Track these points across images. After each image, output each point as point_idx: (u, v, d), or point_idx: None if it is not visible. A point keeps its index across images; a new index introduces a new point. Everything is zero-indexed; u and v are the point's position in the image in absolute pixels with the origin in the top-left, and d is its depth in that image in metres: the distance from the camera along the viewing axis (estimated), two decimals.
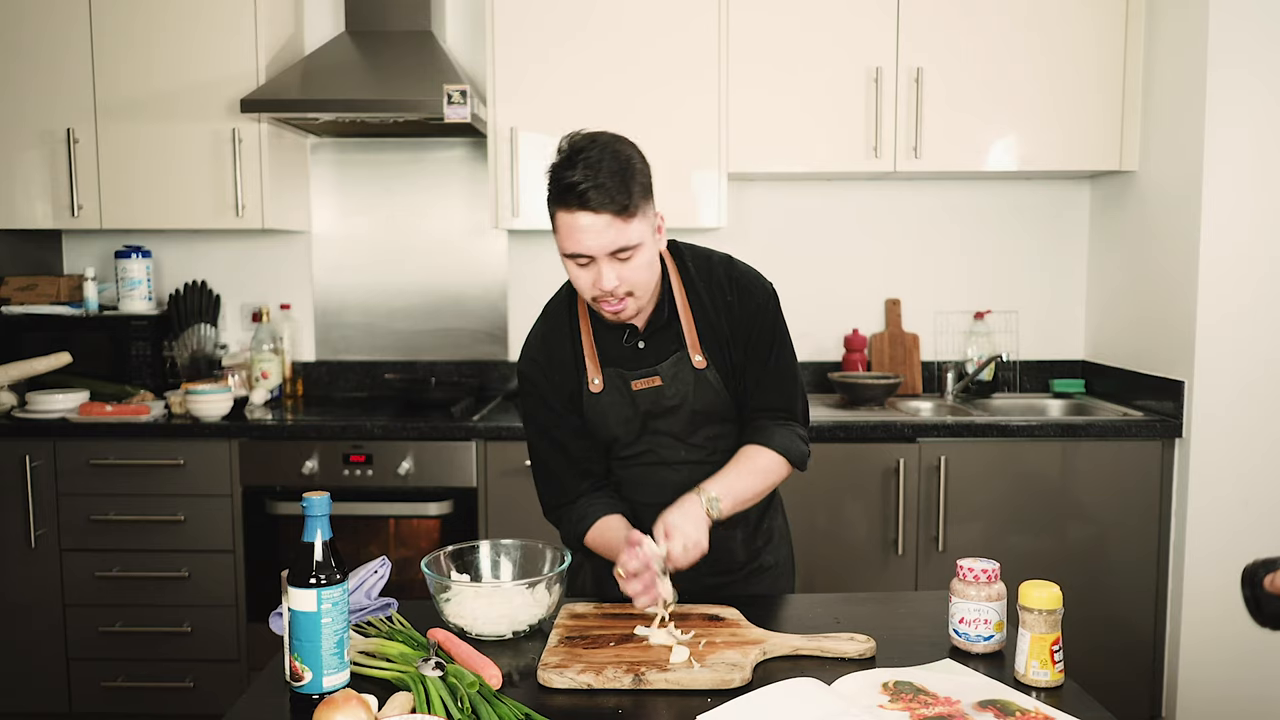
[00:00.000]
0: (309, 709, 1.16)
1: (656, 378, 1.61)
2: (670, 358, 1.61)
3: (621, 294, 1.50)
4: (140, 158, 3.02)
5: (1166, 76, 2.86)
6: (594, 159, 1.42)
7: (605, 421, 1.64)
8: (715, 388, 1.62)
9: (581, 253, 1.46)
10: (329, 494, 1.24)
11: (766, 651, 1.35)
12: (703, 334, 1.62)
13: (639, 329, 1.62)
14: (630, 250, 1.46)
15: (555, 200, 1.46)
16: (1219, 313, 2.70)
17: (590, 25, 2.97)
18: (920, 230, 3.40)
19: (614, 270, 1.47)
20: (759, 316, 1.63)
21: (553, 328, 1.66)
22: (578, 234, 1.45)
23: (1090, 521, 2.82)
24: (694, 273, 1.64)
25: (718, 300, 1.62)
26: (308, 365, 3.44)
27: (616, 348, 1.63)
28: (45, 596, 2.86)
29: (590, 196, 1.42)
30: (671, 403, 1.62)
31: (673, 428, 1.64)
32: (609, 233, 1.44)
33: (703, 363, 1.61)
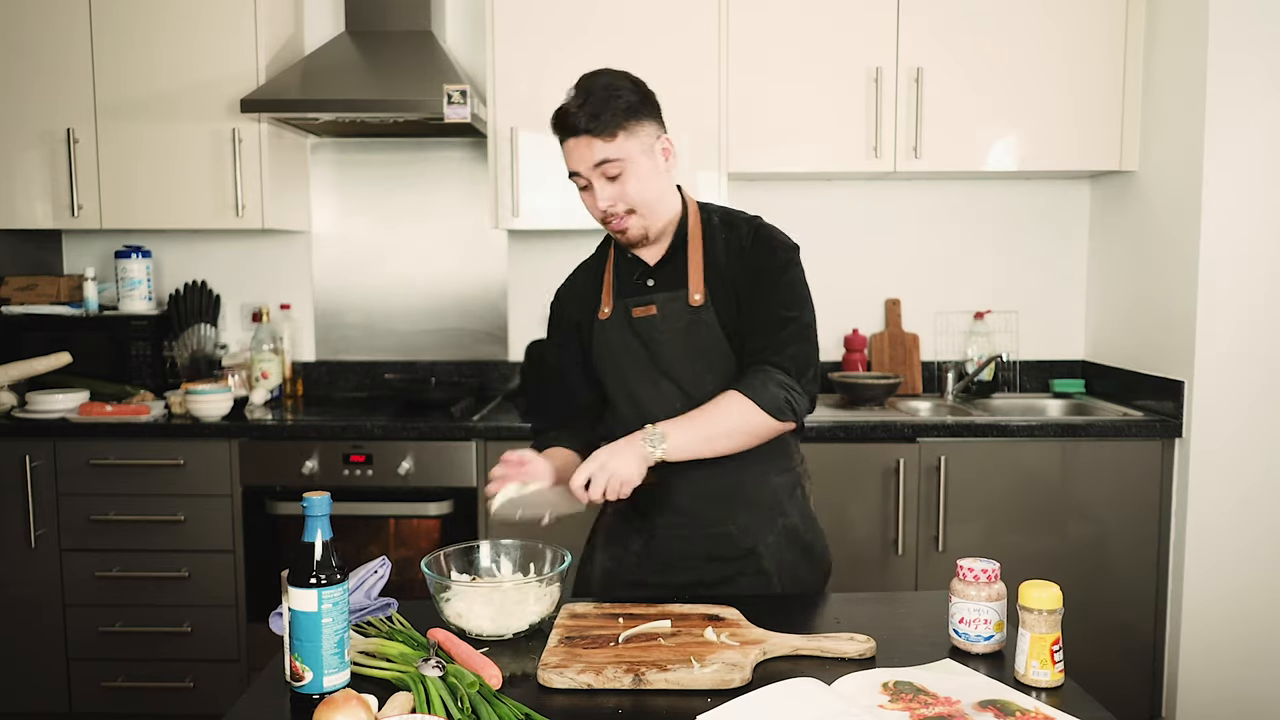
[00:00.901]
0: (309, 709, 1.16)
1: (652, 306, 1.67)
2: (669, 291, 1.68)
3: (621, 211, 1.61)
4: (140, 158, 3.02)
5: (1166, 76, 2.86)
6: (583, 90, 1.59)
7: (611, 348, 1.71)
8: (711, 329, 1.65)
9: (573, 171, 1.61)
10: (329, 494, 1.24)
11: (766, 651, 1.35)
12: (710, 277, 1.66)
13: (649, 265, 1.70)
14: (614, 164, 1.58)
15: (556, 132, 1.62)
16: (1219, 313, 2.70)
17: (590, 25, 2.97)
18: (920, 230, 3.40)
19: (606, 189, 1.60)
20: (768, 262, 1.66)
21: (586, 265, 1.82)
22: (569, 157, 1.61)
23: (1090, 521, 2.82)
24: (716, 221, 1.71)
25: (732, 244, 1.68)
26: (308, 365, 3.44)
27: (628, 282, 1.72)
28: (45, 596, 2.86)
29: (572, 122, 1.57)
30: (665, 335, 1.66)
31: (675, 368, 1.66)
32: (591, 150, 1.58)
33: (700, 300, 1.65)
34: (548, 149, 3.00)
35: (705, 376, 1.66)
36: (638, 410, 1.68)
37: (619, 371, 1.71)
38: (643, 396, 1.69)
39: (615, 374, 1.72)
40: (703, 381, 1.65)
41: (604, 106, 1.57)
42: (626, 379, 1.70)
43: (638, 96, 1.61)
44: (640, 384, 1.69)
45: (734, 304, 1.66)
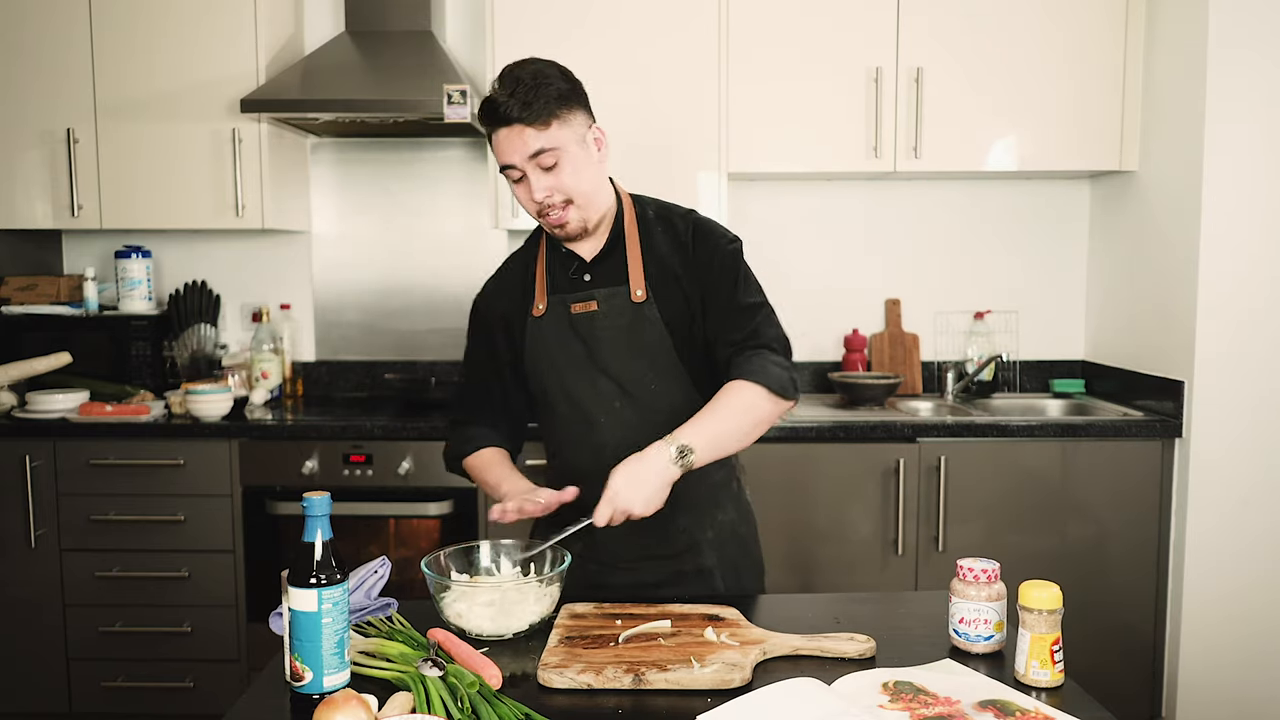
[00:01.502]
0: (309, 709, 1.16)
1: (593, 302, 1.64)
2: (610, 287, 1.64)
3: (559, 202, 1.57)
4: (140, 158, 3.02)
5: (1166, 76, 2.86)
6: (511, 80, 1.53)
7: (547, 347, 1.67)
8: (654, 325, 1.62)
9: (506, 164, 1.55)
10: (329, 494, 1.24)
11: (766, 651, 1.35)
12: (650, 271, 1.64)
13: (585, 260, 1.66)
14: (549, 153, 1.53)
15: (484, 124, 1.57)
16: (1219, 313, 2.70)
17: (590, 25, 2.97)
18: (920, 230, 3.40)
19: (541, 180, 1.55)
20: (716, 256, 1.64)
21: (510, 264, 1.76)
22: (500, 148, 1.55)
23: (1090, 521, 2.82)
24: (651, 215, 1.69)
25: (672, 239, 1.65)
26: (308, 365, 3.44)
27: (564, 277, 1.68)
28: (45, 596, 2.86)
29: (503, 111, 1.52)
30: (608, 333, 1.63)
31: (616, 369, 1.63)
32: (524, 139, 1.52)
33: (642, 296, 1.63)
34: None
35: (647, 374, 1.64)
36: (575, 408, 1.66)
37: (555, 369, 1.67)
38: (580, 394, 1.66)
39: (551, 372, 1.67)
40: (644, 378, 1.63)
41: (535, 94, 1.51)
42: (563, 377, 1.66)
43: (568, 85, 1.57)
44: (578, 382, 1.66)
45: (679, 300, 1.63)
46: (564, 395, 1.67)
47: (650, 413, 1.63)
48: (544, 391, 1.70)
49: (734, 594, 1.71)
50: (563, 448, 1.73)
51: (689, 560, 1.70)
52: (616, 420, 1.65)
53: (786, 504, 2.82)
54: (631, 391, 1.64)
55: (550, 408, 1.71)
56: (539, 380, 1.70)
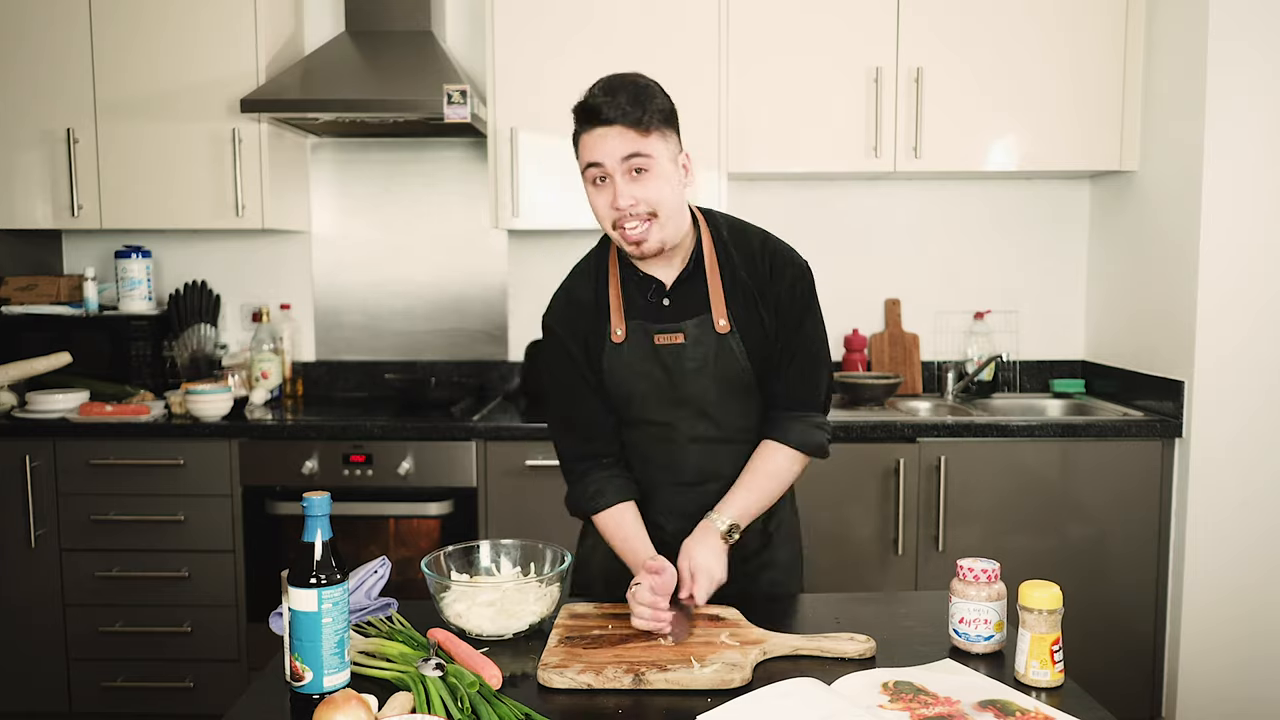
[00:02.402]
0: (309, 709, 1.16)
1: (680, 335, 1.59)
2: (695, 317, 1.60)
3: (642, 214, 1.51)
4: (140, 158, 3.02)
5: (1166, 76, 2.86)
6: (614, 85, 1.51)
7: (629, 375, 1.61)
8: (737, 355, 1.60)
9: (596, 160, 1.50)
10: (329, 494, 1.24)
11: (766, 651, 1.36)
12: (730, 296, 1.61)
13: (665, 285, 1.61)
14: (644, 160, 1.49)
15: (578, 123, 1.53)
16: (1219, 313, 2.70)
17: (590, 25, 2.97)
18: (920, 230, 3.40)
19: (628, 186, 1.50)
20: (794, 289, 1.63)
21: (579, 281, 1.68)
22: (592, 146, 1.51)
23: (1090, 521, 2.82)
24: (726, 235, 1.65)
25: (750, 266, 1.62)
26: (308, 365, 3.44)
27: (642, 301, 1.62)
28: (45, 596, 2.86)
29: (604, 110, 1.49)
30: (693, 364, 1.59)
31: (698, 395, 1.62)
32: (622, 141, 1.49)
33: (726, 326, 1.59)
34: (548, 149, 3.00)
35: (729, 402, 1.63)
36: (660, 431, 1.65)
37: (636, 395, 1.63)
38: (660, 417, 1.64)
39: (632, 397, 1.63)
40: (727, 406, 1.63)
41: (642, 101, 1.50)
42: (644, 401, 1.63)
43: (670, 105, 1.56)
44: (660, 408, 1.63)
45: (758, 327, 1.61)
46: (645, 418, 1.65)
47: (728, 431, 1.65)
48: (626, 413, 1.67)
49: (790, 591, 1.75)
50: (636, 460, 1.70)
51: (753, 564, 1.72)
52: (700, 444, 1.66)
53: None
54: (714, 416, 1.64)
55: (629, 426, 1.68)
56: (622, 403, 1.66)
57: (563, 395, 1.68)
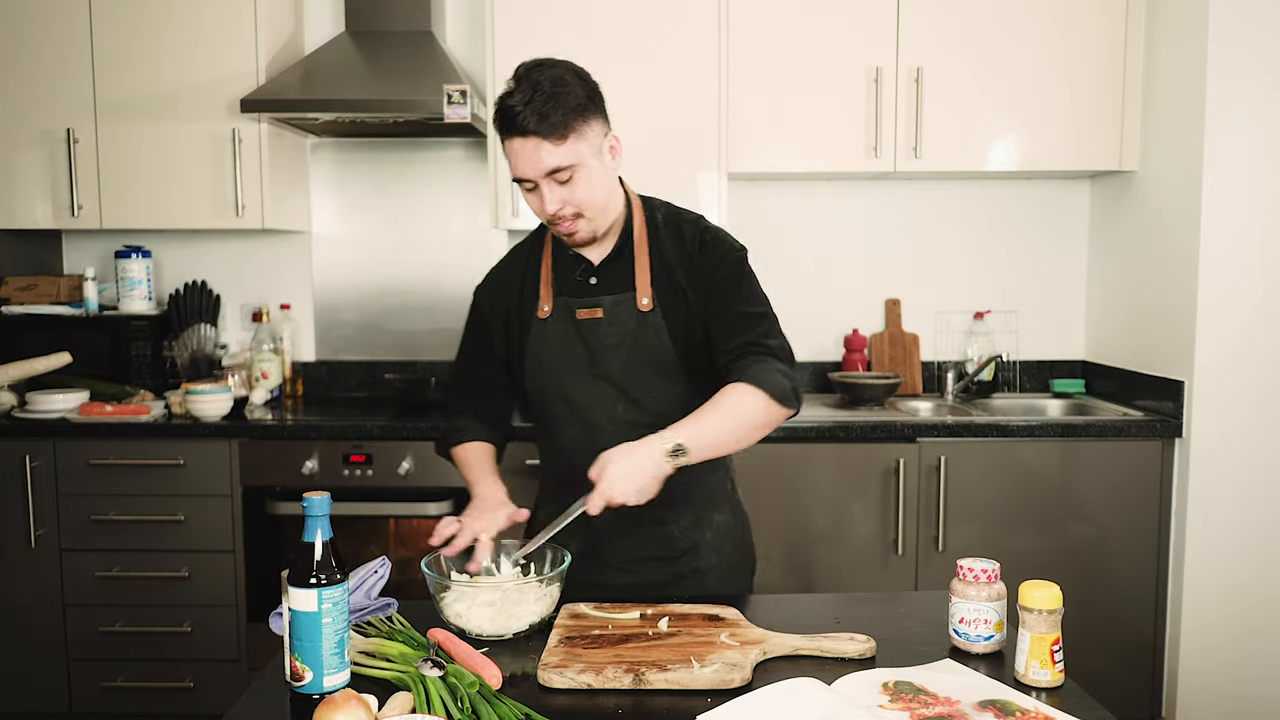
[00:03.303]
0: (309, 709, 1.16)
1: (599, 309, 1.62)
2: (616, 293, 1.63)
3: (569, 215, 1.55)
4: (140, 158, 3.02)
5: (1166, 76, 2.86)
6: (529, 84, 1.48)
7: (551, 350, 1.65)
8: (658, 334, 1.61)
9: (520, 176, 1.53)
10: (329, 494, 1.24)
11: (766, 651, 1.35)
12: (656, 277, 1.62)
13: (593, 264, 1.65)
14: (565, 171, 1.51)
15: (497, 128, 1.52)
16: (1219, 313, 2.70)
17: (590, 25, 2.97)
18: (920, 230, 3.40)
19: (555, 192, 1.52)
20: (722, 268, 1.62)
21: (512, 260, 1.75)
22: (515, 158, 1.52)
23: (1090, 521, 2.82)
24: (660, 220, 1.66)
25: (679, 248, 1.63)
26: (308, 365, 3.44)
27: (570, 279, 1.66)
28: (45, 596, 2.86)
29: (519, 121, 1.47)
30: (612, 340, 1.62)
31: (617, 372, 1.63)
32: (540, 154, 1.49)
33: (648, 305, 1.61)
34: None
35: (648, 380, 1.63)
36: (575, 411, 1.66)
37: (556, 372, 1.66)
38: (580, 398, 1.65)
39: (552, 374, 1.66)
40: (646, 384, 1.63)
41: (553, 105, 1.46)
42: (563, 379, 1.65)
43: (585, 92, 1.52)
44: (578, 385, 1.65)
45: (683, 309, 1.62)
46: (563, 398, 1.67)
47: (651, 417, 1.62)
48: (542, 393, 1.69)
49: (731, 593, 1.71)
50: (560, 450, 1.71)
51: (687, 562, 1.71)
52: (618, 425, 1.64)
53: (787, 504, 2.82)
54: (633, 396, 1.63)
55: (548, 409, 1.70)
56: (538, 381, 1.69)
57: (466, 357, 1.80)
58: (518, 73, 1.51)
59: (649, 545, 1.69)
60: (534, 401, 1.73)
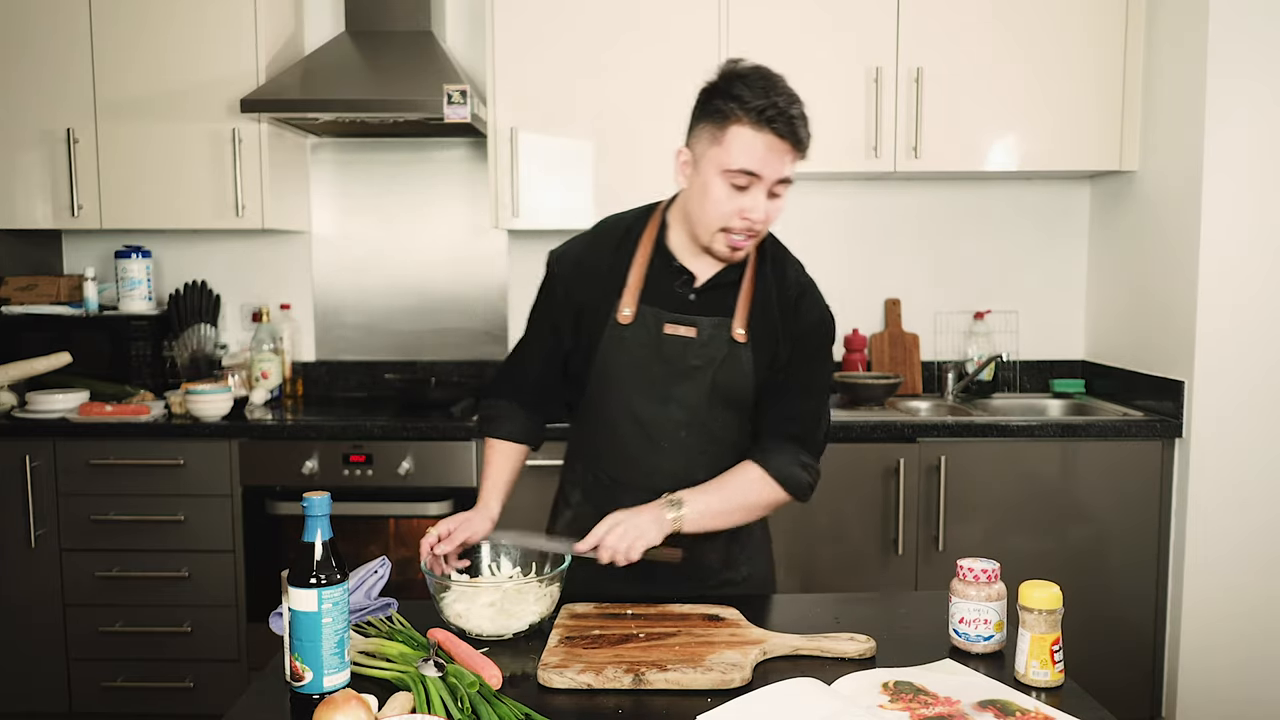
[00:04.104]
0: (309, 709, 1.16)
1: (694, 329, 1.55)
2: (715, 316, 1.57)
3: (759, 229, 1.50)
4: (140, 158, 3.02)
5: (1166, 76, 2.86)
6: (786, 91, 1.46)
7: (624, 359, 1.57)
8: (745, 369, 1.57)
9: (755, 170, 1.45)
10: (329, 494, 1.24)
11: (766, 651, 1.35)
12: (755, 313, 1.57)
13: (695, 279, 1.58)
14: (785, 186, 1.48)
15: (753, 115, 1.43)
16: (1219, 313, 2.70)
17: (591, 25, 2.97)
18: (920, 230, 3.40)
19: (767, 205, 1.48)
20: (814, 336, 1.61)
21: (598, 243, 1.64)
22: (754, 151, 1.44)
23: (1090, 521, 2.82)
24: (769, 252, 1.62)
25: (781, 290, 1.60)
26: (308, 365, 3.44)
27: (664, 289, 1.58)
28: (45, 596, 2.86)
29: (792, 125, 1.44)
30: (696, 362, 1.56)
31: (690, 395, 1.57)
32: (784, 162, 1.46)
33: (743, 336, 1.56)
34: (548, 149, 3.01)
35: (719, 412, 1.59)
36: (638, 426, 1.59)
37: (625, 383, 1.58)
38: (647, 414, 1.59)
39: (621, 384, 1.58)
40: (715, 412, 1.59)
41: (804, 121, 1.46)
42: (632, 392, 1.58)
43: None
44: (647, 402, 1.58)
45: (770, 351, 1.58)
46: (627, 410, 1.59)
47: (712, 444, 1.60)
48: (604, 400, 1.61)
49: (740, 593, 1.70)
50: (611, 461, 1.65)
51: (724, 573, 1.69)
52: (679, 447, 1.60)
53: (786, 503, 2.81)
54: (701, 421, 1.59)
55: (606, 417, 1.62)
56: (603, 387, 1.60)
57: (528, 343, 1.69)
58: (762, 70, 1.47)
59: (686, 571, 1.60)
60: (591, 400, 1.64)
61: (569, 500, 1.73)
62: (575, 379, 1.65)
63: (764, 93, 1.44)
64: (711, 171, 1.48)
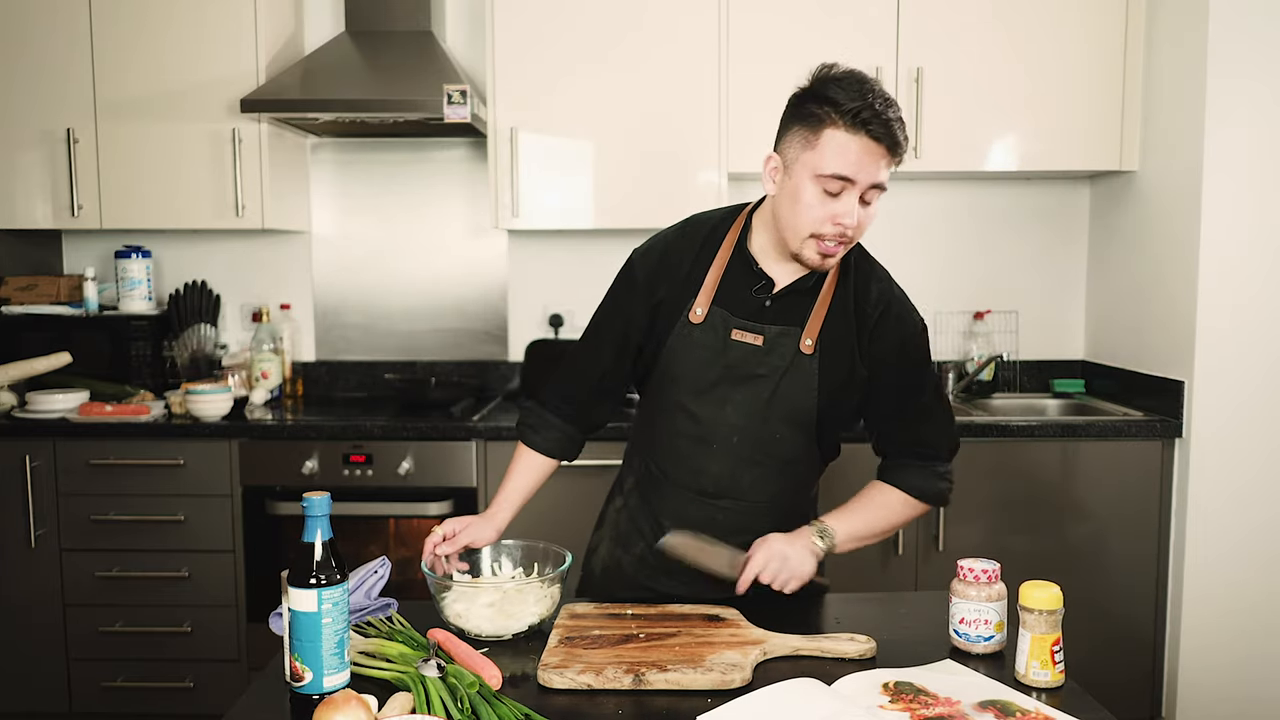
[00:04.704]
0: (309, 709, 1.16)
1: (760, 337, 1.54)
2: (783, 326, 1.54)
3: (850, 235, 1.47)
4: (140, 158, 3.02)
5: (1166, 76, 2.86)
6: (882, 95, 1.42)
7: (689, 359, 1.56)
8: (808, 380, 1.54)
9: (849, 175, 1.42)
10: (329, 494, 1.24)
11: (766, 651, 1.36)
12: (829, 324, 1.55)
13: (773, 286, 1.56)
14: (878, 191, 1.46)
15: (848, 118, 1.40)
16: (1219, 313, 2.70)
17: (591, 24, 2.97)
18: (920, 230, 3.40)
19: (858, 211, 1.46)
20: (908, 350, 1.58)
21: (681, 241, 1.62)
22: (848, 156, 1.41)
23: (1090, 521, 2.82)
24: (853, 264, 1.59)
25: (862, 305, 1.56)
26: (308, 365, 3.44)
27: (739, 292, 1.56)
28: (45, 596, 2.86)
29: (891, 130, 1.40)
30: (761, 370, 1.54)
31: (747, 402, 1.55)
32: (879, 167, 1.43)
33: (810, 348, 1.53)
34: (548, 149, 3.00)
35: (775, 421, 1.56)
36: (694, 424, 1.58)
37: (687, 381, 1.57)
38: (704, 414, 1.57)
39: (682, 382, 1.57)
40: (772, 425, 1.56)
41: (904, 127, 1.43)
42: (690, 391, 1.57)
43: None
44: (706, 402, 1.57)
45: (844, 366, 1.55)
46: (685, 408, 1.58)
47: (763, 455, 1.59)
48: (664, 395, 1.61)
49: None
50: (664, 455, 1.64)
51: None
52: (728, 450, 1.58)
53: None
54: (754, 432, 1.57)
55: (665, 412, 1.61)
56: (665, 381, 1.60)
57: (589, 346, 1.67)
58: (857, 74, 1.44)
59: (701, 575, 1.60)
60: (653, 392, 1.64)
61: (622, 487, 1.76)
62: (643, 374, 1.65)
63: (859, 95, 1.40)
64: (804, 176, 1.45)
